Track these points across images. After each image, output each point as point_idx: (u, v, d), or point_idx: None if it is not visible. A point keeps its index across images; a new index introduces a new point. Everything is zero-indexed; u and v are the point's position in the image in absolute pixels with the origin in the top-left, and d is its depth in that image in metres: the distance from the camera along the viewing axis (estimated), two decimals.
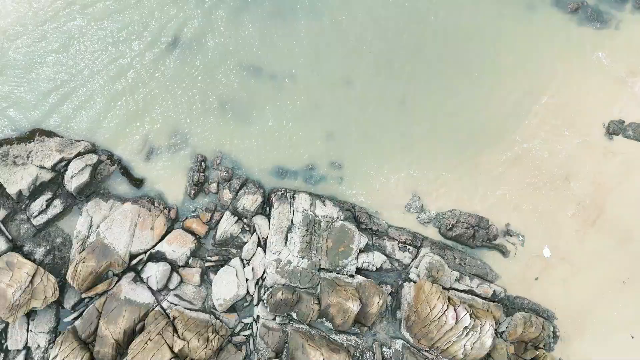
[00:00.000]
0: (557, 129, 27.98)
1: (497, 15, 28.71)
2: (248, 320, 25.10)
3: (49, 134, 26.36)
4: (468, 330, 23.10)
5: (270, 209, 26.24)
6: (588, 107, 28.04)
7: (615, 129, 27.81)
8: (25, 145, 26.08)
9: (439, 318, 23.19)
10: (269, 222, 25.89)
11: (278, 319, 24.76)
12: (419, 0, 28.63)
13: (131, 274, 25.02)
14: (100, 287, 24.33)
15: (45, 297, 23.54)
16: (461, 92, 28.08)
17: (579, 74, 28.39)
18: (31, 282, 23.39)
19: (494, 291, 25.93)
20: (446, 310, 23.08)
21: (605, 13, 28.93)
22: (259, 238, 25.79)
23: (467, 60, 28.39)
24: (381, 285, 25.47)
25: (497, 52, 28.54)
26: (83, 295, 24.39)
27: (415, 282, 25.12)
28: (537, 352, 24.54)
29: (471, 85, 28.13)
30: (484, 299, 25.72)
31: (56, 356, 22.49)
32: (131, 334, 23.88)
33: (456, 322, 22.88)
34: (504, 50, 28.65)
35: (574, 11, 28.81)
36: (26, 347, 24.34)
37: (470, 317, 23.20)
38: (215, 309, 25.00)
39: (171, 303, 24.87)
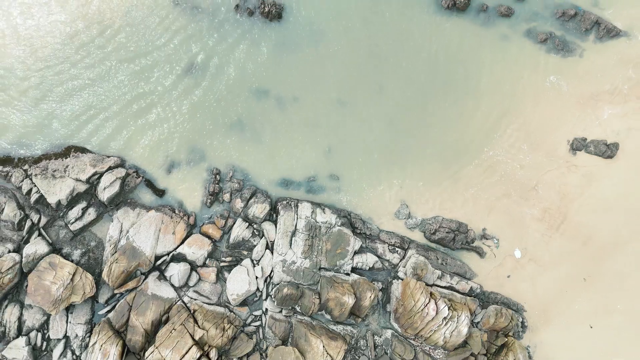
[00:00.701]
0: (528, 145, 31.83)
1: (478, 46, 32.49)
2: (258, 312, 28.91)
3: (83, 150, 30.07)
4: (447, 320, 26.98)
5: (276, 216, 30.02)
6: (555, 126, 31.89)
7: (578, 145, 31.72)
8: (62, 160, 29.79)
9: (422, 310, 27.07)
10: (276, 227, 29.68)
11: (284, 312, 28.55)
12: (407, 32, 32.39)
13: (156, 273, 28.77)
14: (130, 284, 28.11)
15: (84, 292, 27.27)
16: (445, 113, 31.88)
17: (547, 96, 32.20)
18: (72, 280, 27.13)
19: (471, 287, 29.82)
20: (428, 303, 26.97)
21: (571, 43, 32.80)
22: (267, 241, 29.60)
23: (451, 85, 32.14)
24: (373, 282, 29.32)
25: (477, 78, 32.30)
26: (115, 291, 28.14)
27: (402, 280, 28.99)
28: (507, 339, 28.46)
29: (454, 107, 31.92)
30: (462, 294, 29.60)
31: (95, 343, 26.26)
32: (158, 325, 27.64)
33: (436, 313, 26.77)
34: (483, 76, 32.39)
35: (543, 41, 32.67)
36: (65, 337, 28.07)
37: (449, 309, 27.09)
38: (229, 303, 28.80)
39: (191, 298, 28.65)
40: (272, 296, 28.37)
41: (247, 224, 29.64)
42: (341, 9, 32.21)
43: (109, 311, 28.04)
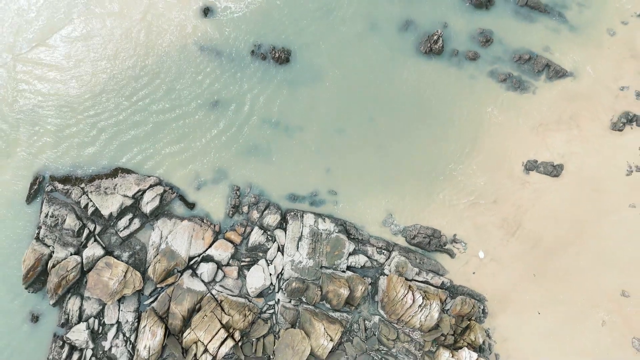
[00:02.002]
0: (490, 166, 38.97)
1: (450, 84, 39.52)
2: (272, 302, 35.90)
3: (128, 171, 36.87)
4: (422, 307, 34.13)
5: (286, 225, 36.95)
6: (511, 150, 39.07)
7: (530, 166, 38.93)
8: (112, 180, 36.60)
9: (402, 299, 34.19)
10: (285, 234, 36.65)
11: (292, 302, 35.57)
12: (392, 73, 39.39)
13: (189, 271, 35.65)
14: (170, 280, 35.00)
15: (134, 286, 34.13)
16: (422, 139, 38.84)
17: (506, 126, 39.38)
18: (124, 276, 34.02)
19: (443, 281, 36.97)
20: (407, 294, 34.10)
21: (526, 82, 39.96)
22: (278, 245, 36.58)
23: (427, 116, 39.11)
24: (364, 278, 36.37)
25: (450, 111, 39.25)
26: (158, 286, 35.02)
27: (387, 275, 36.10)
28: (470, 323, 35.64)
29: (429, 135, 38.88)
30: (435, 287, 36.75)
31: (145, 325, 33.17)
32: (192, 312, 34.54)
33: (413, 302, 33.92)
34: (455, 109, 39.32)
35: (503, 81, 39.82)
36: (117, 322, 34.93)
37: (423, 299, 34.25)
38: (248, 294, 35.75)
39: (218, 291, 35.56)
40: (283, 289, 35.37)
41: (262, 231, 36.60)
42: (338, 55, 39.21)
43: (152, 301, 34.94)
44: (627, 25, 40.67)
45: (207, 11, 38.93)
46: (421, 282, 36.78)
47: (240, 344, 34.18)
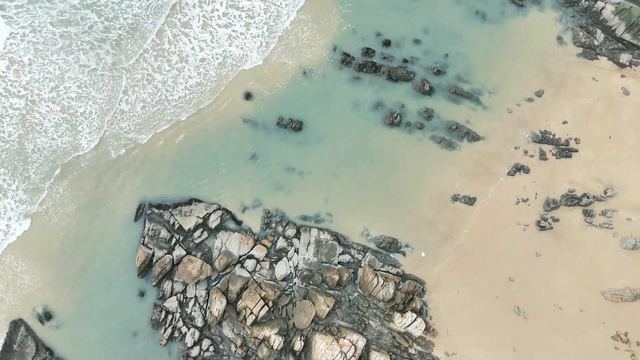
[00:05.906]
0: (431, 199, 60.65)
1: (404, 144, 61.03)
2: (291, 284, 57.16)
3: (199, 201, 57.71)
4: (383, 287, 55.80)
5: (299, 235, 58.17)
6: (443, 188, 60.82)
7: (455, 198, 60.75)
8: (189, 206, 57.33)
9: (371, 282, 55.80)
10: (299, 241, 57.84)
11: (303, 284, 56.87)
12: (367, 137, 60.81)
13: (239, 264, 56.70)
14: (228, 269, 56.03)
15: (206, 274, 55.04)
16: (387, 181, 60.32)
17: (440, 172, 61.03)
18: (201, 267, 54.96)
19: (397, 271, 58.66)
20: (374, 278, 55.74)
21: (454, 143, 61.51)
22: (295, 248, 57.84)
23: (391, 166, 60.58)
24: (349, 269, 57.81)
25: (404, 162, 60.85)
26: (220, 273, 56.00)
27: (363, 267, 57.66)
28: (413, 297, 57.48)
29: (392, 178, 60.40)
30: (393, 274, 58.47)
31: (215, 297, 54.24)
32: (242, 289, 55.62)
33: (377, 283, 55.60)
34: (408, 161, 60.92)
35: (439, 142, 61.37)
36: (195, 296, 55.82)
37: (384, 281, 55.97)
38: (277, 279, 56.93)
39: (257, 277, 56.67)
40: (298, 276, 56.69)
41: (284, 239, 57.81)
42: (333, 125, 60.41)
43: (217, 283, 56.02)
44: (520, 107, 62.80)
45: (248, 96, 59.94)
46: (384, 271, 58.52)
47: (272, 309, 55.43)
